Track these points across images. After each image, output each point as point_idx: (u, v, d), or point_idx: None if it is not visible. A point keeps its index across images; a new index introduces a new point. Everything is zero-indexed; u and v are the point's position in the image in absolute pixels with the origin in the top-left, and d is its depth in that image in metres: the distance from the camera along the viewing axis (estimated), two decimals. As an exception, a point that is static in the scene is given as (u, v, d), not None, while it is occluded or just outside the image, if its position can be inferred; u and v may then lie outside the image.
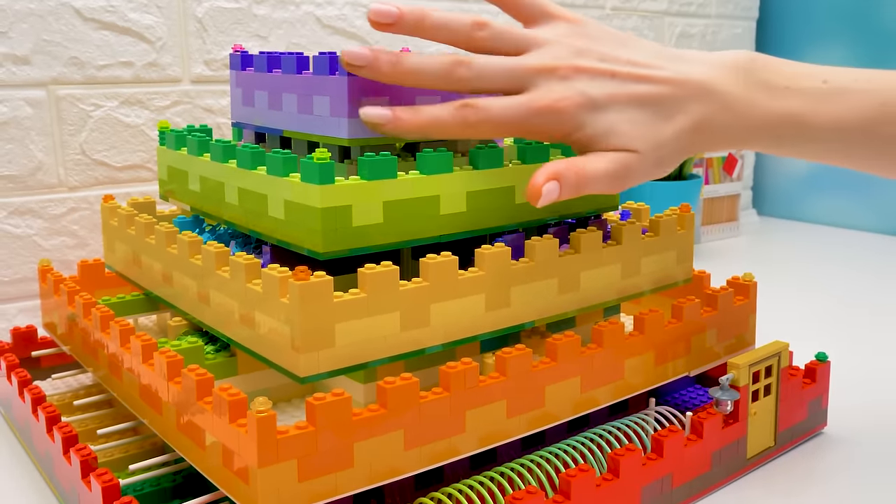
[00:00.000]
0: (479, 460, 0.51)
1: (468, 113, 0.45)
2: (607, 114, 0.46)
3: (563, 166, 0.45)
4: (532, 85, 0.46)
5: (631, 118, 0.46)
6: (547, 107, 0.45)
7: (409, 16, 0.46)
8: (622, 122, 0.46)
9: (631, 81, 0.47)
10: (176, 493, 0.49)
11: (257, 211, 0.48)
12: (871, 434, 0.60)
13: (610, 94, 0.46)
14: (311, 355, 0.41)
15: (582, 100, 0.46)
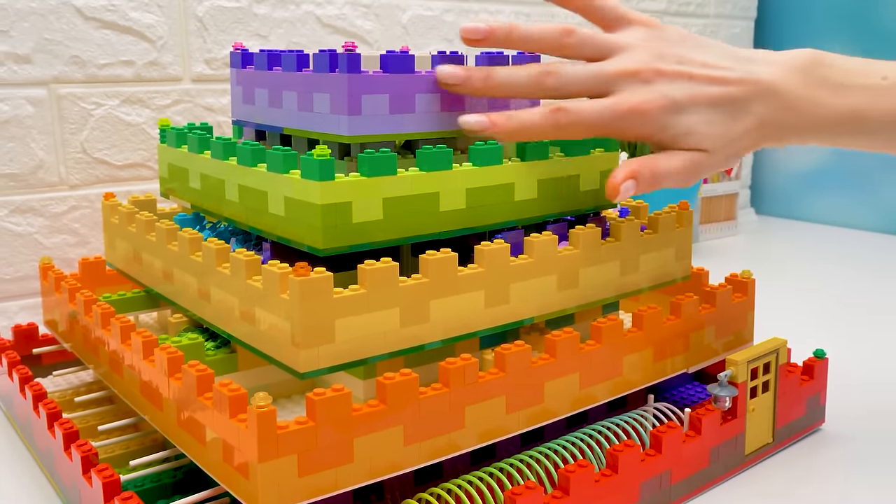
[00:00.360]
0: (478, 456, 0.51)
1: (560, 116, 0.48)
2: (686, 115, 0.49)
3: (638, 165, 0.49)
4: (616, 89, 0.49)
5: (706, 119, 0.49)
6: (632, 109, 0.48)
7: (499, 31, 0.50)
8: (699, 123, 0.49)
9: (706, 83, 0.50)
10: (176, 489, 0.49)
11: (258, 208, 0.48)
12: (868, 431, 0.60)
13: (688, 95, 0.49)
14: (311, 351, 0.41)
15: (664, 102, 0.49)
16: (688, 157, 0.50)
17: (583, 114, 0.48)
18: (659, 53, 0.50)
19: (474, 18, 0.48)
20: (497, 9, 1.06)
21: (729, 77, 0.50)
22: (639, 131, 0.49)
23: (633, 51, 0.50)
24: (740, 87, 0.50)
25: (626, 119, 0.49)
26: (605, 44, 0.51)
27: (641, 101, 0.48)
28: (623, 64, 0.49)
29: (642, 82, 0.49)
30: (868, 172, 1.31)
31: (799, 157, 1.41)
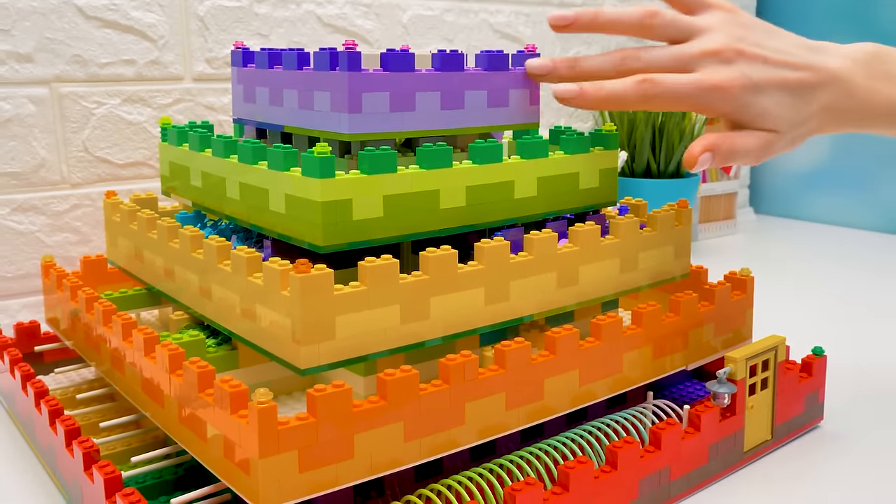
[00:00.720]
0: (478, 453, 0.51)
1: (647, 87, 0.51)
2: (763, 97, 0.52)
3: (716, 140, 0.52)
4: (699, 66, 0.52)
5: (779, 101, 0.52)
6: (715, 85, 0.51)
7: (584, 16, 0.54)
8: (773, 104, 0.52)
9: (780, 67, 0.52)
10: (178, 486, 0.49)
11: (258, 205, 0.48)
12: (866, 428, 0.60)
13: (766, 77, 0.52)
14: (311, 347, 0.41)
15: (745, 80, 0.51)
16: (761, 136, 0.52)
17: (669, 85, 0.51)
18: (738, 36, 0.52)
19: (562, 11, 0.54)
20: (497, 8, 1.06)
21: (800, 63, 0.53)
22: (719, 107, 0.52)
23: (714, 32, 0.53)
24: (809, 74, 0.53)
25: (709, 94, 0.51)
26: (688, 26, 0.53)
27: (724, 79, 0.51)
28: (705, 44, 0.52)
29: (723, 62, 0.51)
30: (867, 172, 1.31)
31: (797, 156, 1.41)
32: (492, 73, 0.53)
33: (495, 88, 0.53)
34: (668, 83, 0.51)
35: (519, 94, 0.54)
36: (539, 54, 0.55)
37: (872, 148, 1.30)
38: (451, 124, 0.51)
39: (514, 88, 0.54)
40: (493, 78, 0.53)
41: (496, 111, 0.53)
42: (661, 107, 0.52)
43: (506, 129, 0.55)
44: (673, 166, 1.08)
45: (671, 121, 1.07)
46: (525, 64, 0.53)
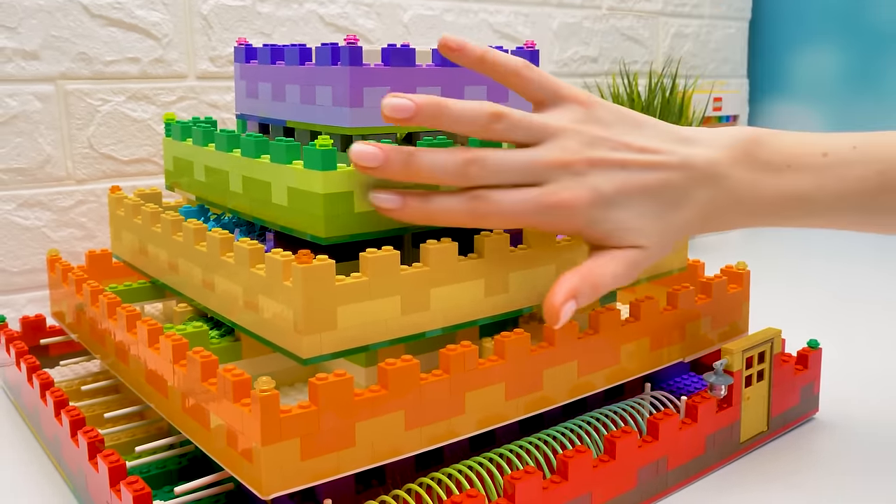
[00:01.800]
0: (478, 443, 0.51)
1: (479, 206, 0.44)
2: (617, 210, 0.45)
3: (577, 282, 0.44)
4: (546, 179, 0.45)
5: (640, 211, 0.46)
6: (558, 203, 0.44)
7: (426, 109, 0.44)
8: (631, 217, 0.46)
9: (641, 170, 0.46)
10: (182, 476, 0.49)
11: (261, 198, 0.48)
12: (861, 420, 0.60)
13: (621, 186, 0.45)
14: (313, 337, 0.41)
15: (593, 196, 0.45)
16: (623, 257, 0.46)
17: (504, 204, 0.44)
18: (592, 138, 0.46)
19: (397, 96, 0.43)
20: (496, 8, 1.06)
21: (667, 162, 0.46)
22: (565, 225, 0.45)
23: (566, 136, 0.46)
24: (678, 173, 0.46)
25: (552, 212, 0.44)
26: (538, 128, 0.46)
27: (569, 196, 0.44)
28: (555, 153, 0.45)
29: (574, 174, 0.45)
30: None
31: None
32: (491, 68, 0.52)
33: (495, 84, 0.53)
34: (503, 203, 0.44)
35: (518, 90, 0.54)
36: (538, 50, 0.55)
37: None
38: (452, 119, 0.51)
39: (513, 84, 0.53)
40: (492, 73, 0.52)
41: (496, 106, 0.53)
42: (497, 226, 0.45)
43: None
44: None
45: (669, 119, 1.07)
46: (350, 150, 0.43)
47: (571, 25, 1.15)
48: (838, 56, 1.33)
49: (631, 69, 1.24)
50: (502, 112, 0.45)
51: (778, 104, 1.41)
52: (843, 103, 1.33)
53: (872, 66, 1.29)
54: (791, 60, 1.38)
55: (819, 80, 1.35)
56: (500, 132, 0.45)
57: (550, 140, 0.46)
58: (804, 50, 1.37)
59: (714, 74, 1.37)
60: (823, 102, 1.35)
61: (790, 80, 1.39)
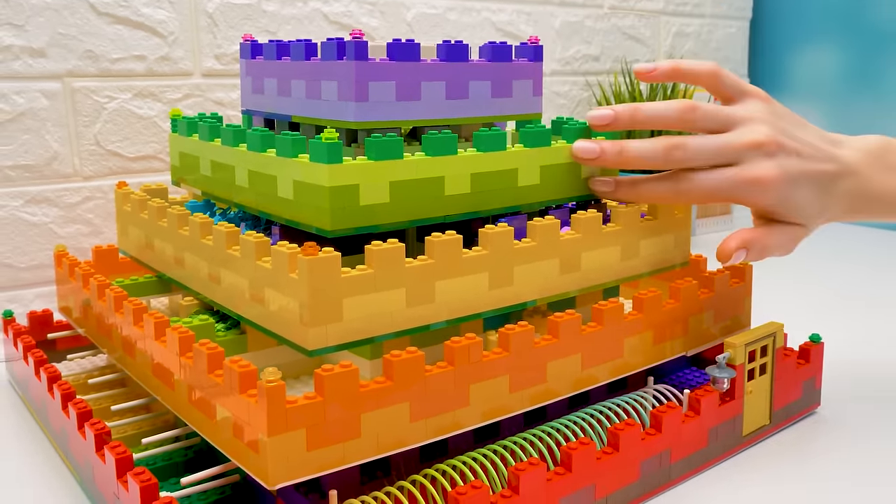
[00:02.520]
0: (482, 435, 0.50)
1: (681, 185, 0.52)
2: (798, 190, 0.52)
3: (750, 237, 0.52)
4: (742, 159, 0.51)
5: (808, 193, 0.53)
6: (755, 179, 0.51)
7: (623, 113, 0.52)
8: (804, 198, 0.52)
9: (810, 160, 0.53)
10: (188, 468, 0.49)
11: (267, 192, 0.48)
12: (862, 414, 0.59)
13: (800, 170, 0.52)
14: (319, 329, 0.41)
15: (782, 174, 0.51)
16: (790, 231, 0.53)
17: (703, 182, 0.51)
18: (777, 127, 0.52)
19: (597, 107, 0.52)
20: (499, 7, 1.05)
21: (824, 155, 0.54)
22: (756, 200, 0.52)
23: (756, 123, 0.52)
24: (832, 165, 0.54)
25: (750, 188, 0.51)
26: (728, 117, 0.53)
27: (764, 173, 0.51)
28: (750, 136, 0.51)
29: (766, 155, 0.51)
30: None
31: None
32: (495, 63, 0.52)
33: (499, 79, 0.53)
34: (702, 181, 0.51)
35: (522, 85, 0.54)
36: (542, 46, 0.55)
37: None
38: (456, 114, 0.51)
39: (517, 79, 0.53)
40: (496, 69, 0.52)
41: (500, 101, 0.53)
42: (696, 201, 0.52)
43: (509, 119, 0.54)
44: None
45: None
46: (573, 147, 0.52)
47: (573, 24, 1.15)
48: (838, 55, 1.32)
49: (632, 68, 1.23)
50: (695, 105, 0.52)
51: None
52: (843, 102, 1.32)
53: (872, 66, 1.28)
54: (791, 60, 1.38)
55: (819, 79, 1.35)
56: (696, 122, 0.52)
57: (741, 126, 0.52)
58: (804, 49, 1.37)
59: (715, 73, 1.36)
60: (823, 101, 1.34)
61: (790, 79, 1.39)
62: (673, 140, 0.51)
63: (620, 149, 0.52)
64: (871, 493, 0.49)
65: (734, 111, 0.53)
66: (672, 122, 0.52)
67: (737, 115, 0.53)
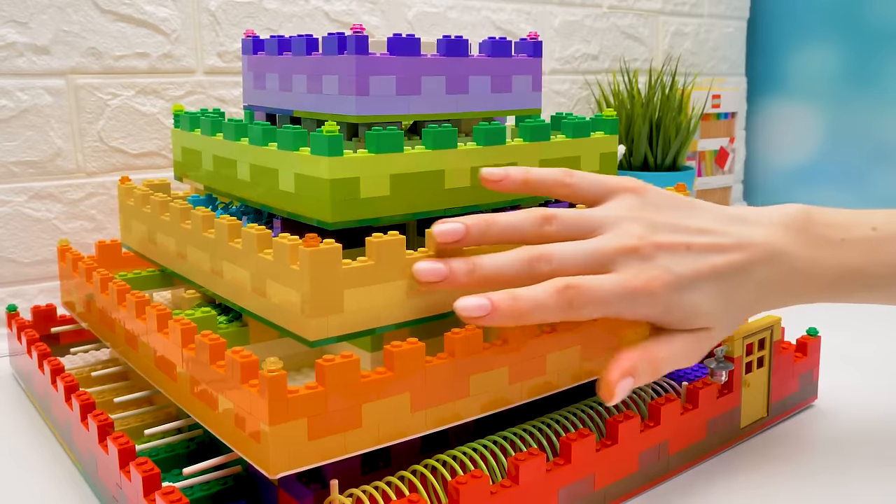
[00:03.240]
0: (482, 427, 0.50)
1: (572, 295, 0.41)
2: (691, 293, 0.44)
3: (636, 359, 0.43)
4: (615, 266, 0.43)
5: (710, 294, 0.44)
6: (641, 288, 0.42)
7: (475, 228, 0.43)
8: (703, 300, 0.44)
9: (705, 253, 0.44)
10: (190, 460, 0.49)
11: (269, 186, 0.48)
12: (859, 407, 0.59)
13: (693, 269, 0.44)
14: (320, 320, 0.41)
15: (670, 278, 0.43)
16: (690, 338, 0.45)
17: (596, 293, 0.42)
18: (652, 224, 0.45)
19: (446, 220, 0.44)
20: (499, 6, 1.05)
21: (726, 243, 0.45)
22: (643, 311, 0.43)
23: (625, 224, 0.44)
24: (740, 254, 0.45)
25: (634, 299, 0.42)
26: (593, 221, 0.45)
27: (648, 280, 0.43)
28: (620, 240, 0.43)
29: (642, 259, 0.43)
30: (858, 167, 1.31)
31: (790, 151, 1.40)
32: (495, 59, 0.52)
33: (498, 74, 0.53)
34: (594, 291, 0.41)
35: (521, 80, 0.54)
36: (541, 41, 0.55)
37: (864, 143, 1.30)
38: (456, 108, 0.51)
39: (516, 74, 0.53)
40: (496, 64, 0.52)
41: (499, 96, 0.53)
42: (589, 316, 0.42)
43: (508, 115, 0.54)
44: (669, 160, 1.08)
45: (668, 116, 1.07)
46: (413, 268, 0.42)
47: (573, 23, 1.15)
48: (835, 55, 1.32)
49: (631, 67, 1.23)
50: (552, 214, 0.44)
51: (775, 102, 1.40)
52: (840, 101, 1.32)
53: (869, 65, 1.28)
54: (788, 59, 1.38)
55: (816, 78, 1.35)
56: (556, 234, 0.44)
57: (610, 229, 0.45)
58: (801, 49, 1.37)
59: (713, 72, 1.36)
60: (820, 101, 1.34)
61: (787, 78, 1.39)
62: (535, 251, 0.43)
63: (472, 267, 0.42)
64: (868, 485, 0.49)
65: (597, 213, 0.45)
66: (529, 236, 0.44)
67: (601, 217, 0.45)
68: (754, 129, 1.43)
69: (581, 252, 0.43)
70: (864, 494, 0.48)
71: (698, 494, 0.48)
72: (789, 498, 0.47)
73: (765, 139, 1.42)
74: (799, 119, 1.38)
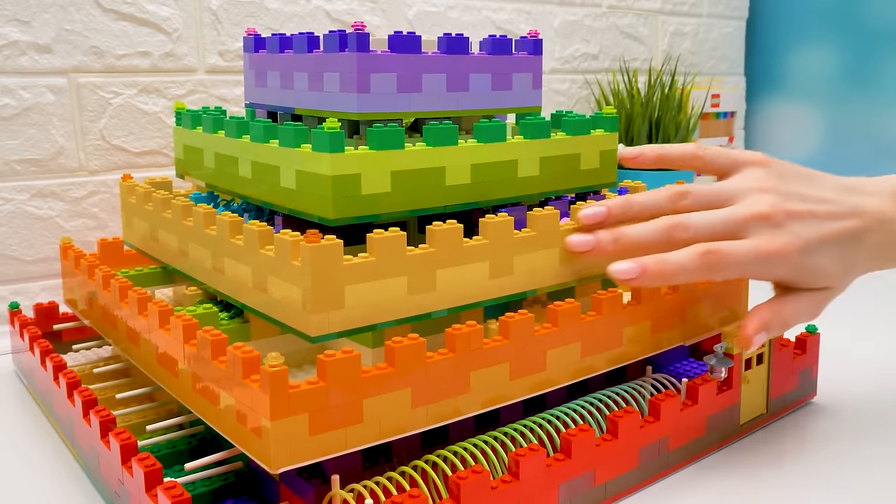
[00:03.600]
0: (483, 422, 0.50)
1: (713, 259, 0.46)
2: (817, 256, 0.48)
3: (768, 315, 0.49)
4: (748, 232, 0.48)
5: (831, 257, 0.49)
6: (775, 252, 0.47)
7: (616, 209, 0.49)
8: (826, 263, 0.49)
9: (827, 220, 0.49)
10: (192, 456, 0.49)
11: (270, 183, 0.48)
12: (858, 404, 0.59)
13: (816, 235, 0.48)
14: (321, 316, 0.41)
15: (800, 243, 0.47)
16: (813, 296, 0.50)
17: (733, 256, 0.46)
18: (781, 193, 0.49)
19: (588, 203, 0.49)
20: (499, 6, 1.05)
21: (843, 210, 0.49)
22: (775, 273, 0.48)
23: (757, 193, 0.49)
24: (855, 221, 0.49)
25: (768, 262, 0.47)
26: (725, 193, 0.50)
27: (781, 245, 0.47)
28: (753, 207, 0.48)
29: (775, 225, 0.48)
30: (857, 166, 1.31)
31: (789, 150, 1.40)
32: (496, 56, 0.52)
33: (499, 72, 0.53)
34: (731, 254, 0.46)
35: (522, 78, 0.54)
36: (541, 39, 0.54)
37: (863, 142, 1.30)
38: (456, 106, 0.51)
39: (517, 72, 0.53)
40: (496, 62, 0.52)
41: (500, 94, 0.53)
42: (728, 276, 0.48)
43: (509, 112, 0.54)
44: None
45: (667, 115, 1.07)
46: (567, 241, 0.49)
47: (573, 23, 1.15)
48: (834, 54, 1.32)
49: (631, 66, 1.23)
50: (686, 190, 0.50)
51: (774, 102, 1.40)
52: (838, 101, 1.32)
53: (868, 65, 1.28)
54: (787, 59, 1.38)
55: (815, 78, 1.35)
56: (690, 207, 0.49)
57: (742, 199, 0.49)
58: (800, 48, 1.36)
59: (712, 72, 1.36)
60: (819, 100, 1.34)
61: (786, 77, 1.39)
62: (673, 220, 0.48)
63: (617, 236, 0.48)
64: (866, 481, 0.49)
65: (730, 185, 0.50)
66: (665, 211, 0.49)
67: (734, 188, 0.50)
68: (753, 128, 1.43)
69: (716, 220, 0.48)
70: (863, 490, 0.47)
71: (698, 490, 0.48)
72: (788, 494, 0.47)
73: (764, 138, 1.42)
74: (798, 118, 1.38)
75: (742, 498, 0.47)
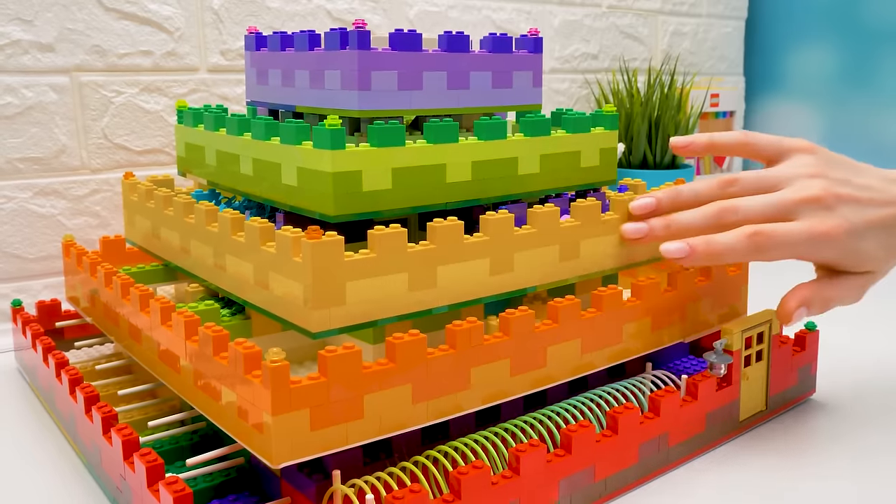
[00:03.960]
0: (483, 418, 0.50)
1: (760, 241, 0.48)
2: (864, 240, 0.50)
3: (810, 293, 0.50)
4: (799, 215, 0.49)
5: (877, 242, 0.50)
6: (824, 234, 0.48)
7: (665, 199, 0.52)
8: (871, 247, 0.50)
9: (872, 206, 0.50)
10: (193, 452, 0.49)
11: (271, 180, 0.48)
12: (856, 401, 0.59)
13: (864, 219, 0.50)
14: (322, 312, 0.41)
15: (849, 226, 0.49)
16: (855, 280, 0.51)
17: (782, 237, 0.48)
18: (832, 179, 0.50)
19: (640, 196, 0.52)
20: (499, 5, 1.05)
21: (887, 198, 0.51)
22: (823, 254, 0.49)
23: (806, 179, 0.50)
24: (893, 208, 0.51)
25: (818, 243, 0.48)
26: (773, 179, 0.51)
27: (831, 227, 0.48)
28: (803, 191, 0.49)
29: (825, 208, 0.49)
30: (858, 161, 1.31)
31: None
32: (496, 55, 0.52)
33: (499, 70, 0.53)
34: (780, 235, 0.48)
35: (522, 76, 0.54)
36: (541, 38, 0.54)
37: (861, 142, 1.29)
38: (457, 104, 0.51)
39: (517, 70, 0.53)
40: (497, 60, 0.52)
41: (500, 92, 0.53)
42: (775, 258, 0.49)
43: (509, 110, 0.54)
44: (668, 158, 1.08)
45: (666, 114, 1.07)
46: (622, 229, 0.51)
47: (572, 23, 1.14)
48: (833, 54, 1.32)
49: (630, 66, 1.23)
50: (734, 178, 0.51)
51: (773, 101, 1.40)
52: (837, 101, 1.32)
53: (866, 64, 1.28)
54: (786, 58, 1.38)
55: (814, 77, 1.35)
56: (738, 194, 0.51)
57: (791, 184, 0.50)
58: (799, 48, 1.36)
59: (711, 72, 1.36)
60: (818, 100, 1.34)
61: (785, 77, 1.38)
62: (723, 205, 0.50)
63: (668, 223, 0.50)
64: (865, 478, 0.49)
65: (778, 171, 0.51)
66: (715, 197, 0.51)
67: (783, 174, 0.51)
68: (752, 127, 1.43)
69: (766, 203, 0.49)
70: (862, 487, 0.47)
71: (697, 486, 0.48)
72: (787, 490, 0.47)
73: (763, 138, 1.42)
74: (796, 118, 1.38)
75: (741, 494, 0.47)
